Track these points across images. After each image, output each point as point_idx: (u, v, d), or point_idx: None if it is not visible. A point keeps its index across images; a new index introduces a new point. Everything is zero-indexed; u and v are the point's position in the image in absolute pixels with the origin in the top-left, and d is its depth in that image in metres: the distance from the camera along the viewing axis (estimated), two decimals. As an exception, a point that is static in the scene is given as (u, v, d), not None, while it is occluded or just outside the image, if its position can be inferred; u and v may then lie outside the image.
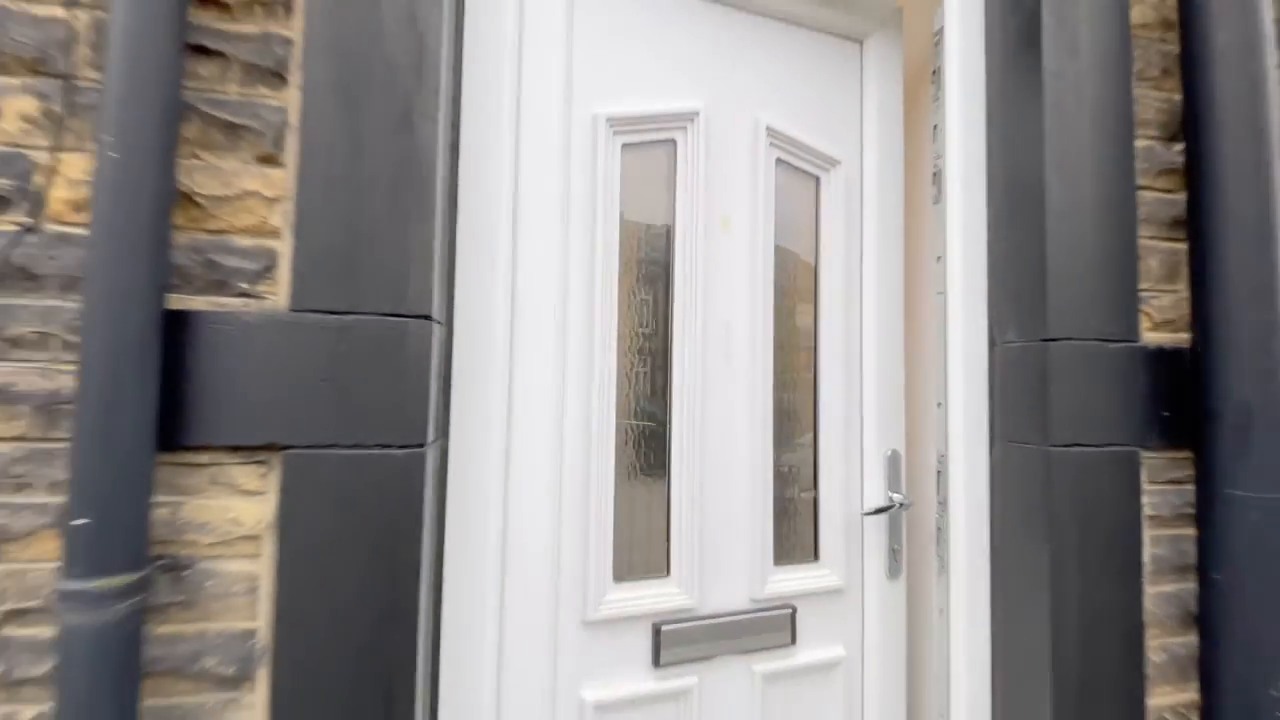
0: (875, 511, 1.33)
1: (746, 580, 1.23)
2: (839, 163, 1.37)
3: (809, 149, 1.34)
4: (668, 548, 1.18)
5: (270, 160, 0.83)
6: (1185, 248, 1.16)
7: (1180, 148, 1.17)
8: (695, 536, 1.19)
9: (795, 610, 1.25)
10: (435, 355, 0.88)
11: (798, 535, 1.31)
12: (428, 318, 0.85)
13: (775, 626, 1.23)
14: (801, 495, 1.32)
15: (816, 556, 1.31)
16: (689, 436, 1.19)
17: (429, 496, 0.87)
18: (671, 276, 1.21)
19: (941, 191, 1.26)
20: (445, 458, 0.97)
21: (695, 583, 1.18)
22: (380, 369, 0.82)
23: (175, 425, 0.77)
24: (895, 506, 1.34)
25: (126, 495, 0.71)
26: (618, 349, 1.16)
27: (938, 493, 1.27)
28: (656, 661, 1.13)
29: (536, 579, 1.04)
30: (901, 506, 1.34)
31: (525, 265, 1.07)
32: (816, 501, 1.32)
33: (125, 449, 0.71)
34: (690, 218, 1.22)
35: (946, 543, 1.22)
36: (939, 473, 1.26)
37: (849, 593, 1.33)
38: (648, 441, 1.19)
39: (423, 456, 0.84)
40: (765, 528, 1.25)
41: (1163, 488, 1.13)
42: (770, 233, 1.30)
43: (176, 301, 0.79)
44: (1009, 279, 1.17)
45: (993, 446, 1.19)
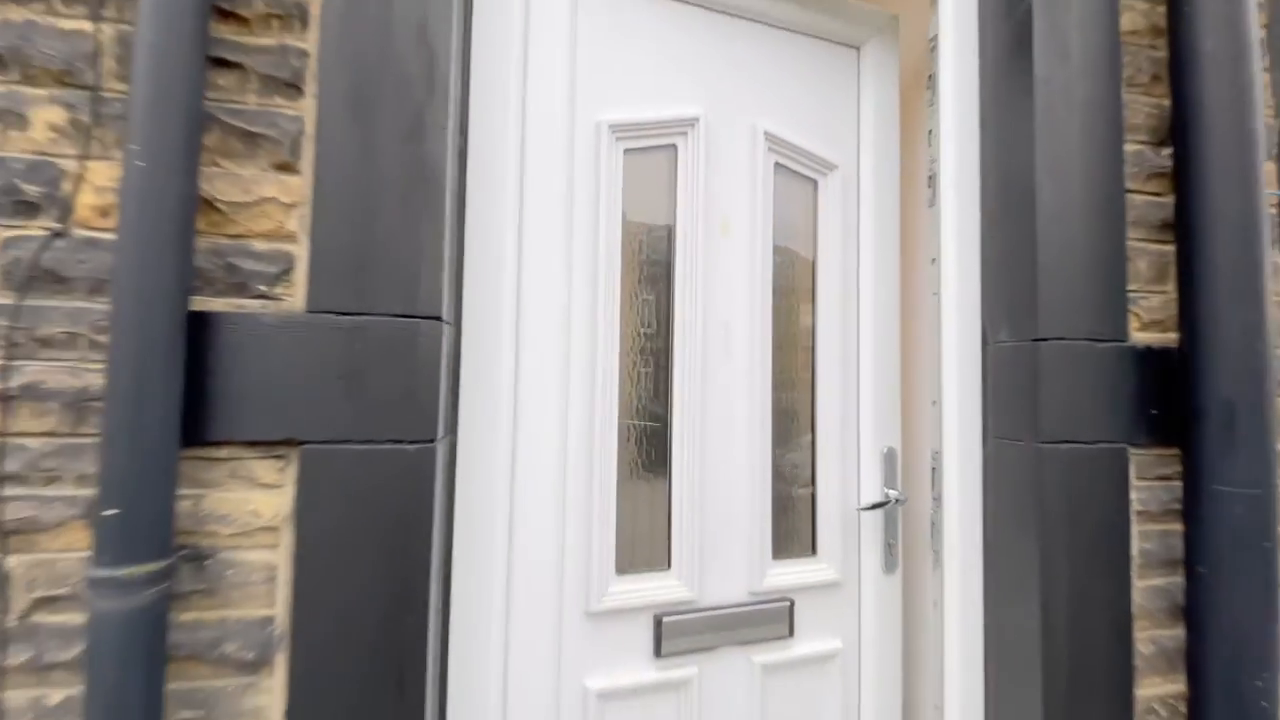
0: (872, 507, 1.36)
1: (745, 574, 1.26)
2: (836, 166, 1.40)
3: (807, 153, 1.37)
4: (669, 542, 1.21)
5: (287, 168, 0.87)
6: (1174, 250, 1.18)
7: (1169, 152, 1.19)
8: (695, 531, 1.22)
9: (793, 603, 1.29)
10: (445, 354, 0.92)
11: (796, 530, 1.34)
12: (438, 318, 0.88)
13: (774, 619, 1.27)
14: (799, 491, 1.35)
15: (814, 551, 1.34)
16: (689, 433, 1.22)
17: (438, 490, 0.90)
18: (672, 278, 1.25)
19: (936, 195, 1.28)
20: (454, 453, 1.01)
21: (695, 576, 1.21)
22: (392, 367, 0.86)
23: (198, 421, 0.80)
24: (891, 502, 1.37)
25: (153, 488, 0.75)
26: (620, 348, 1.19)
27: (932, 489, 1.30)
28: (658, 652, 1.17)
29: (541, 570, 1.08)
30: (897, 502, 1.37)
31: (530, 268, 1.10)
32: (814, 497, 1.35)
33: (151, 444, 0.75)
34: (690, 221, 1.25)
35: (941, 537, 1.24)
36: (934, 469, 1.29)
37: (846, 586, 1.36)
38: (649, 438, 1.22)
39: (433, 452, 0.87)
40: (764, 522, 1.28)
41: (1151, 484, 1.15)
42: (769, 235, 1.33)
43: (199, 303, 0.82)
44: (1001, 280, 1.19)
45: (986, 443, 1.22)
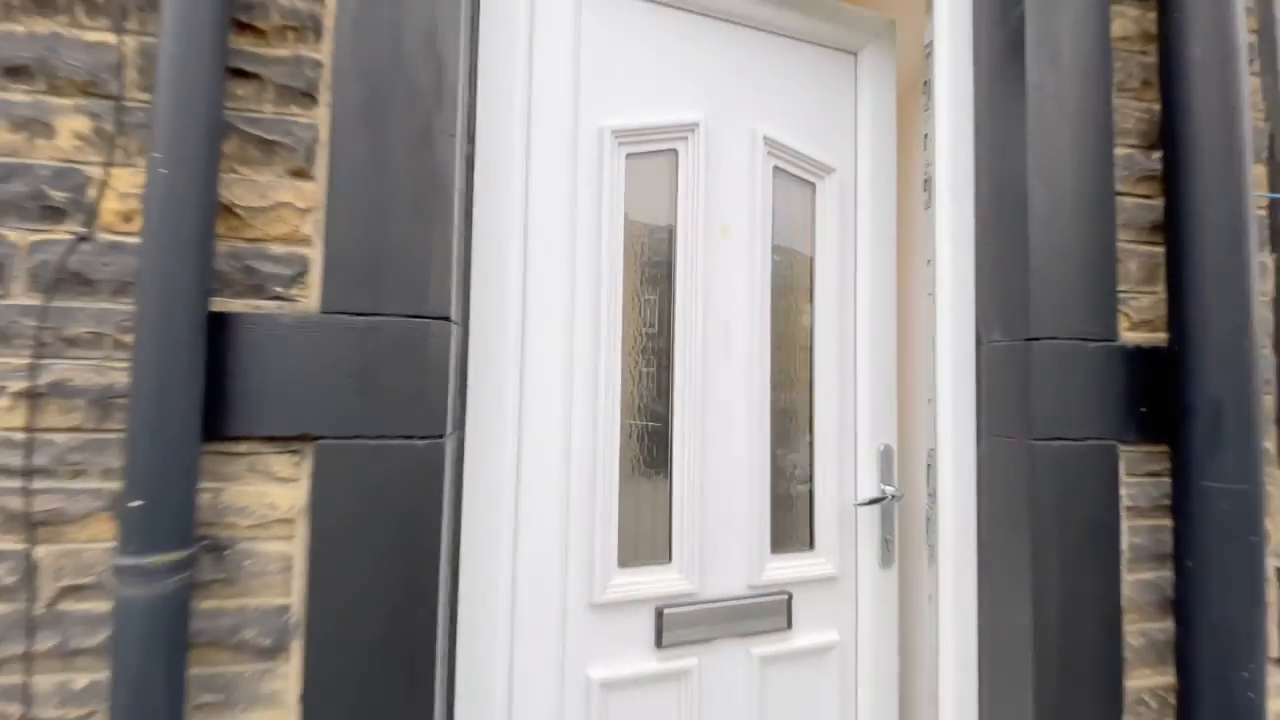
0: (868, 503, 1.39)
1: (745, 567, 1.29)
2: (834, 170, 1.43)
3: (805, 157, 1.40)
4: (669, 536, 1.24)
5: (302, 174, 0.90)
6: (1164, 251, 1.20)
7: (1159, 155, 1.21)
8: (696, 525, 1.25)
9: (791, 596, 1.32)
10: (453, 353, 0.95)
11: (794, 525, 1.37)
12: (446, 319, 0.92)
13: (772, 611, 1.30)
14: (798, 487, 1.38)
15: (812, 546, 1.37)
16: (689, 431, 1.25)
17: (447, 484, 0.93)
18: (673, 279, 1.28)
19: (932, 197, 1.31)
20: (461, 449, 1.04)
21: (696, 569, 1.24)
22: (403, 366, 0.89)
23: (217, 417, 0.84)
24: (887, 498, 1.39)
25: (175, 481, 0.79)
26: (622, 347, 1.22)
27: (928, 485, 1.32)
28: (659, 643, 1.20)
29: (546, 562, 1.11)
30: (893, 498, 1.40)
31: (535, 270, 1.14)
32: (812, 493, 1.38)
33: (174, 439, 0.78)
34: (691, 223, 1.28)
35: (936, 533, 1.27)
36: (929, 466, 1.32)
37: (843, 580, 1.38)
38: (651, 435, 1.25)
39: (442, 447, 0.91)
40: (763, 517, 1.31)
41: (1141, 480, 1.17)
42: (768, 237, 1.36)
43: (218, 304, 0.86)
44: (995, 281, 1.22)
45: (980, 441, 1.24)
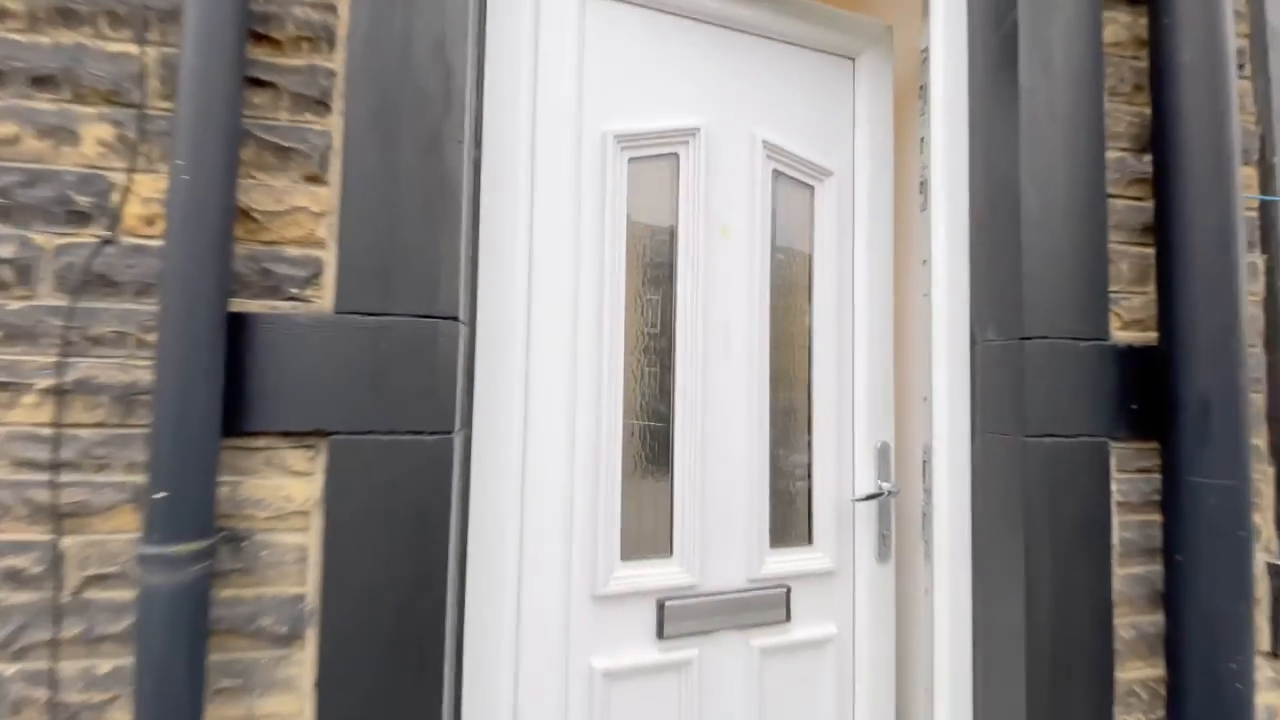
0: (866, 498, 1.42)
1: (744, 561, 1.32)
2: (832, 173, 1.46)
3: (804, 161, 1.43)
4: (671, 530, 1.27)
5: (316, 179, 0.94)
6: (1154, 252, 1.23)
7: (1150, 159, 1.23)
8: (696, 520, 1.28)
9: (790, 589, 1.34)
10: (461, 352, 0.98)
11: (793, 520, 1.40)
12: (455, 318, 0.95)
13: (771, 604, 1.33)
14: (796, 483, 1.41)
15: (810, 540, 1.40)
16: (690, 428, 1.28)
17: (455, 479, 0.97)
18: (675, 280, 1.31)
19: (928, 200, 1.34)
20: (469, 445, 1.07)
21: (696, 562, 1.27)
22: (414, 364, 0.92)
23: (236, 413, 0.87)
24: (884, 494, 1.42)
25: (196, 474, 0.82)
26: (625, 347, 1.25)
27: (924, 482, 1.35)
28: (660, 634, 1.23)
29: (550, 555, 1.14)
30: (890, 494, 1.43)
31: (540, 271, 1.17)
32: (810, 489, 1.41)
33: (195, 434, 0.82)
34: (692, 225, 1.31)
35: (931, 528, 1.30)
36: (925, 463, 1.34)
37: (841, 574, 1.41)
38: (653, 432, 1.28)
39: (451, 442, 0.94)
40: (762, 512, 1.34)
41: (1132, 476, 1.19)
42: (767, 239, 1.39)
43: (236, 305, 0.89)
44: (989, 282, 1.24)
45: (974, 438, 1.27)
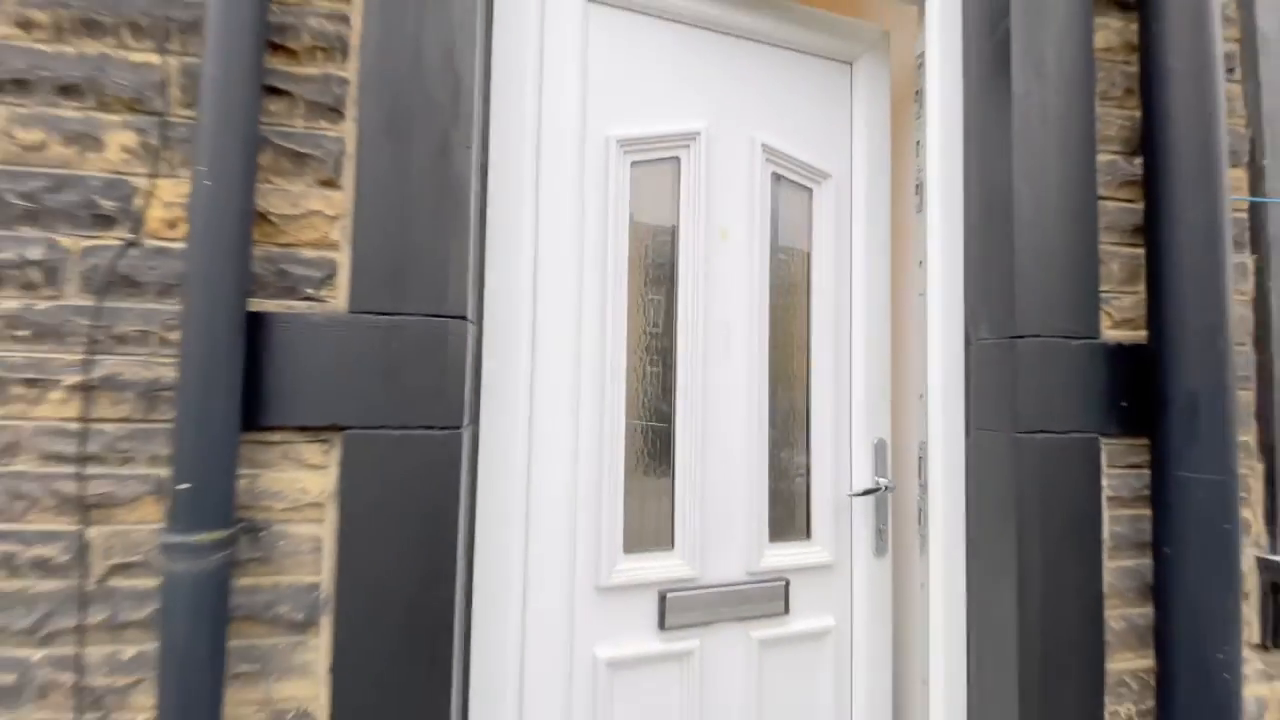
0: (863, 494, 1.45)
1: (744, 554, 1.35)
2: (830, 176, 1.49)
3: (802, 164, 1.46)
4: (672, 524, 1.30)
5: (330, 184, 0.97)
6: (1145, 253, 1.26)
7: (1140, 161, 1.26)
8: (697, 514, 1.31)
9: (788, 582, 1.38)
10: (469, 350, 1.02)
11: (792, 515, 1.43)
12: (464, 318, 0.99)
13: (770, 597, 1.36)
14: (795, 479, 1.44)
15: (809, 535, 1.43)
16: (691, 425, 1.32)
17: (464, 472, 1.00)
18: (676, 281, 1.34)
19: (924, 202, 1.37)
20: (476, 441, 1.11)
21: (697, 556, 1.30)
22: (424, 362, 0.96)
23: (254, 409, 0.91)
24: (881, 490, 1.45)
25: (218, 466, 0.86)
26: (627, 345, 1.29)
27: (919, 477, 1.38)
28: (662, 625, 1.26)
29: (555, 547, 1.18)
30: (887, 490, 1.46)
31: (545, 272, 1.20)
32: (809, 485, 1.44)
33: (216, 428, 0.86)
34: (693, 227, 1.35)
35: (927, 523, 1.33)
36: (920, 459, 1.37)
37: (839, 568, 1.44)
38: (654, 429, 1.32)
39: (460, 437, 0.98)
40: (761, 507, 1.37)
41: (1122, 471, 1.22)
42: (766, 240, 1.42)
43: (255, 305, 0.93)
44: (982, 282, 1.27)
45: (968, 434, 1.30)
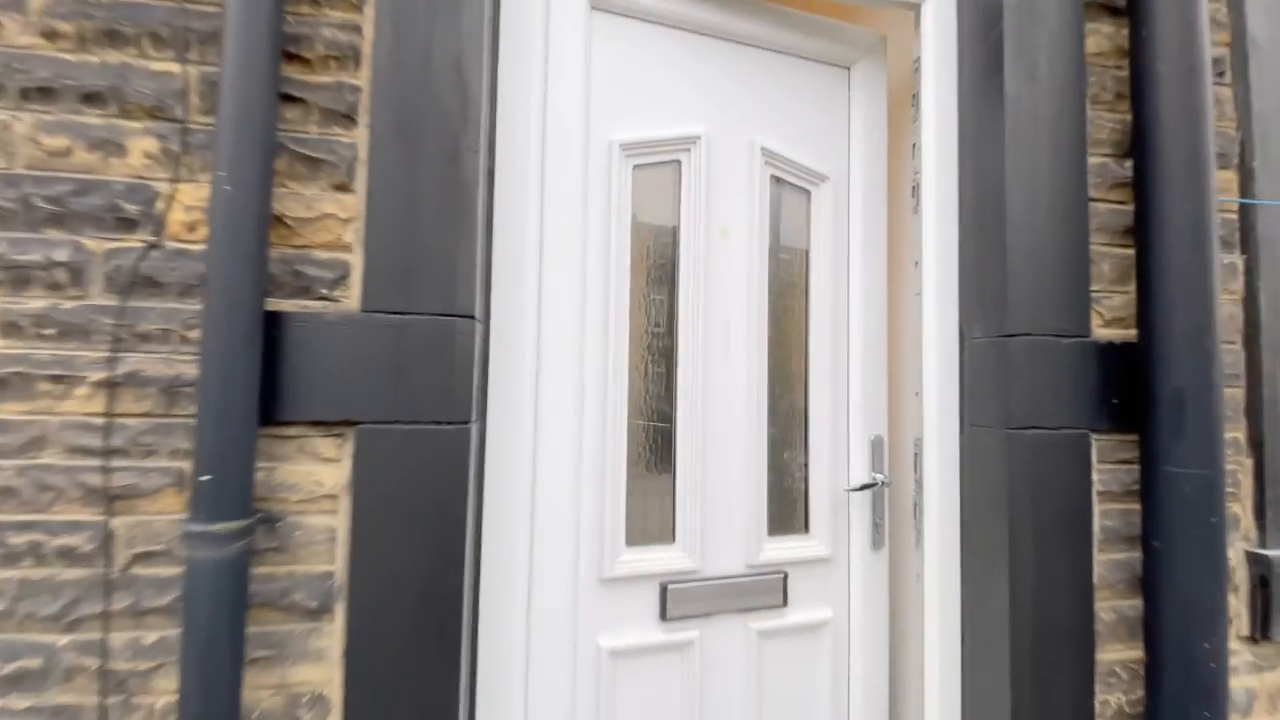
0: (860, 488, 1.48)
1: (743, 548, 1.38)
2: (828, 178, 1.52)
3: (801, 166, 1.49)
4: (673, 518, 1.34)
5: (343, 188, 1.01)
6: (1135, 253, 1.29)
7: (1131, 163, 1.30)
8: (697, 508, 1.34)
9: (787, 575, 1.41)
10: (477, 348, 1.06)
11: (790, 510, 1.46)
12: (471, 316, 1.02)
13: (769, 589, 1.39)
14: (794, 474, 1.48)
15: (807, 529, 1.47)
16: (692, 420, 1.35)
17: (472, 465, 1.04)
18: (677, 281, 1.38)
19: (919, 203, 1.40)
20: (484, 436, 1.14)
21: (698, 549, 1.34)
22: (434, 359, 1.00)
23: (271, 404, 0.95)
24: (878, 485, 1.49)
25: (237, 459, 0.89)
26: (630, 343, 1.32)
27: (915, 473, 1.41)
28: (663, 616, 1.29)
29: (560, 539, 1.21)
30: (883, 485, 1.49)
31: (550, 272, 1.23)
32: (807, 480, 1.48)
33: (236, 422, 0.89)
34: (693, 229, 1.38)
35: (922, 517, 1.36)
36: (916, 455, 1.41)
37: (836, 561, 1.48)
38: (656, 426, 1.35)
39: (468, 432, 1.01)
40: (760, 501, 1.41)
41: (1113, 467, 1.25)
42: (765, 242, 1.45)
43: (271, 304, 0.97)
44: (976, 281, 1.30)
45: (963, 431, 1.33)
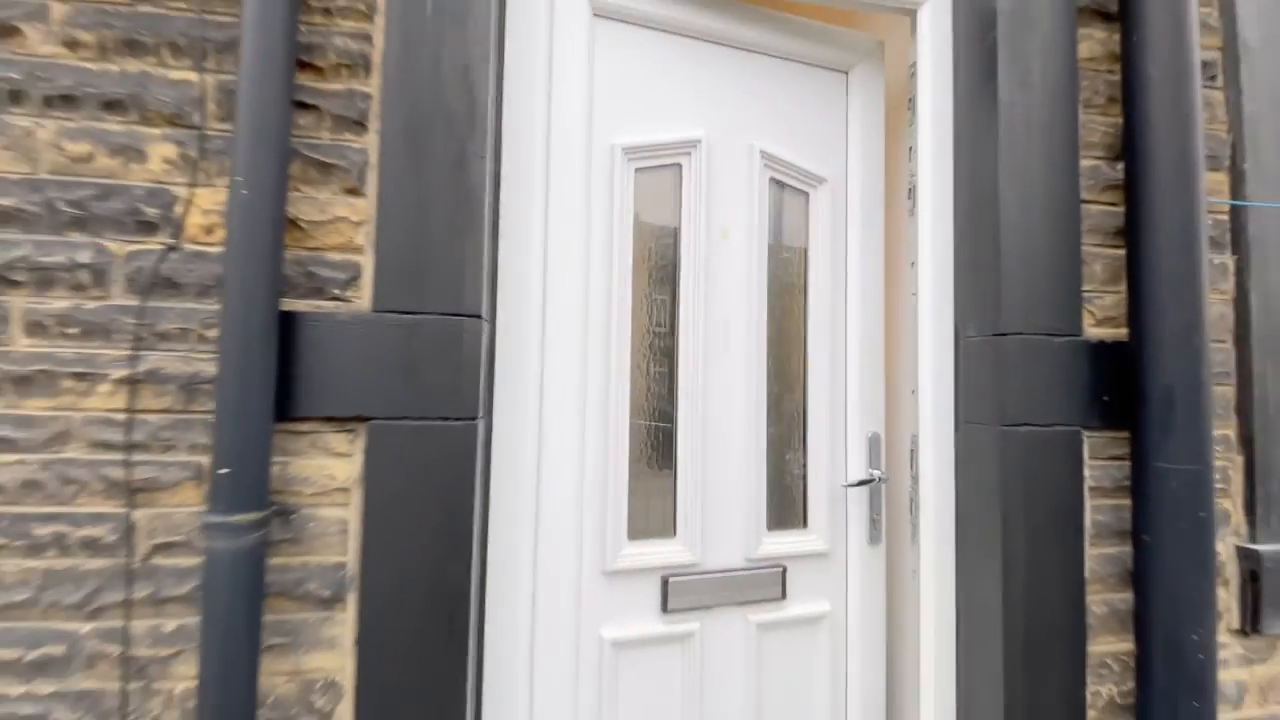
0: (857, 484, 1.51)
1: (743, 542, 1.42)
2: (826, 180, 1.55)
3: (799, 169, 1.52)
4: (674, 512, 1.37)
5: (355, 192, 1.05)
6: (1126, 254, 1.32)
7: (1122, 166, 1.32)
8: (698, 503, 1.37)
9: (786, 569, 1.44)
10: (484, 346, 1.09)
11: (789, 505, 1.50)
12: (478, 316, 1.06)
13: (768, 582, 1.42)
14: (792, 470, 1.51)
15: (805, 524, 1.50)
16: (693, 418, 1.38)
17: (478, 461, 1.07)
18: (678, 281, 1.41)
19: (915, 205, 1.42)
20: (490, 433, 1.18)
21: (698, 543, 1.37)
22: (442, 357, 1.03)
23: (286, 401, 0.98)
24: (875, 481, 1.52)
25: (254, 453, 0.93)
26: (632, 341, 1.35)
27: (911, 469, 1.44)
28: (664, 608, 1.33)
29: (563, 533, 1.24)
30: (880, 481, 1.52)
31: (554, 274, 1.27)
32: (806, 476, 1.51)
33: (252, 418, 0.93)
34: (694, 231, 1.41)
35: (918, 512, 1.39)
36: (912, 451, 1.43)
37: (834, 556, 1.51)
38: (658, 423, 1.38)
39: (475, 427, 1.05)
40: (759, 497, 1.44)
41: (1104, 463, 1.28)
42: (764, 243, 1.48)
43: (286, 304, 1.00)
44: (971, 282, 1.33)
45: (957, 428, 1.36)
